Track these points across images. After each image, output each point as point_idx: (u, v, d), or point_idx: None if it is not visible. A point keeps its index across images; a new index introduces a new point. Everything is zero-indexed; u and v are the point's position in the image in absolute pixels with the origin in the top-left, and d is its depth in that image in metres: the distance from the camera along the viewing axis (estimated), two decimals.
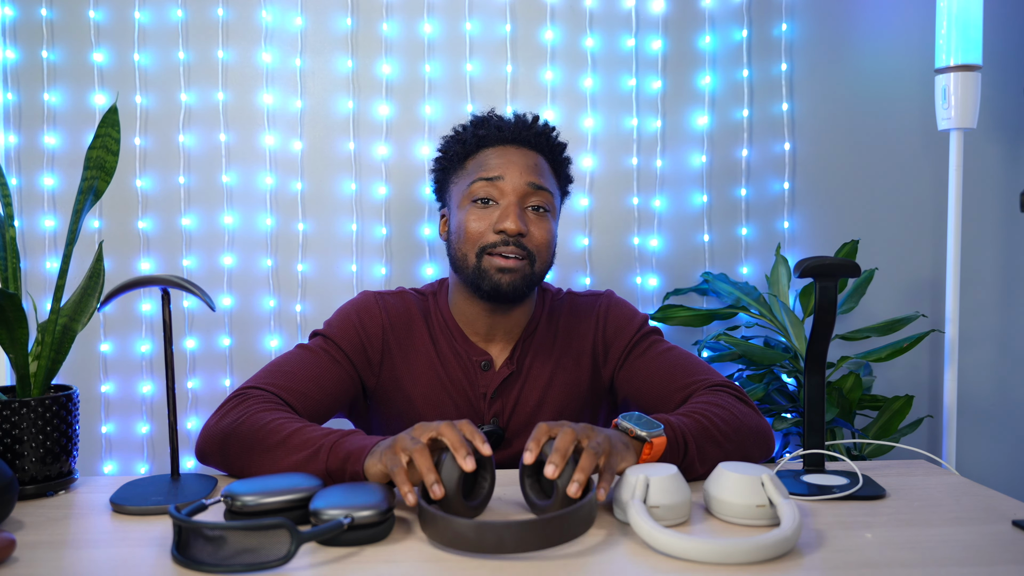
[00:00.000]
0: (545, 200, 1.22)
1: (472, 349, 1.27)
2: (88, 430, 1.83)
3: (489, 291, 1.20)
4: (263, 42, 1.82)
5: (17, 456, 1.00)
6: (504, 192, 1.20)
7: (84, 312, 1.07)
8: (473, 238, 1.20)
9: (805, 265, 1.02)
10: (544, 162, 1.25)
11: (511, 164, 1.21)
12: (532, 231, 1.20)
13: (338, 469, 0.96)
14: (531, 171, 1.21)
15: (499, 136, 1.24)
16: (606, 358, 1.30)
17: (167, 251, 1.83)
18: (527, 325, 1.29)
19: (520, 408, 1.27)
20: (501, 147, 1.23)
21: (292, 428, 1.02)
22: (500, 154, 1.23)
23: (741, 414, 1.11)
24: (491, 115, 1.28)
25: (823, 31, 1.90)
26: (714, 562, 0.77)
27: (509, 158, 1.22)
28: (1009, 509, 0.93)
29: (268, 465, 1.01)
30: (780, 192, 1.91)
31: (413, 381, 1.26)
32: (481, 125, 1.26)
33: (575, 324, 1.31)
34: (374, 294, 1.31)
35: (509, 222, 1.17)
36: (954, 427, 1.80)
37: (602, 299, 1.34)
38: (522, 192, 1.20)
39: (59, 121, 1.81)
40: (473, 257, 1.20)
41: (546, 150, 1.26)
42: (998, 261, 1.96)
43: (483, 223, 1.20)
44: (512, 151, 1.23)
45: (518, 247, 1.19)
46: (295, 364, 1.19)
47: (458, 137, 1.28)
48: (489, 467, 0.91)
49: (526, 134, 1.24)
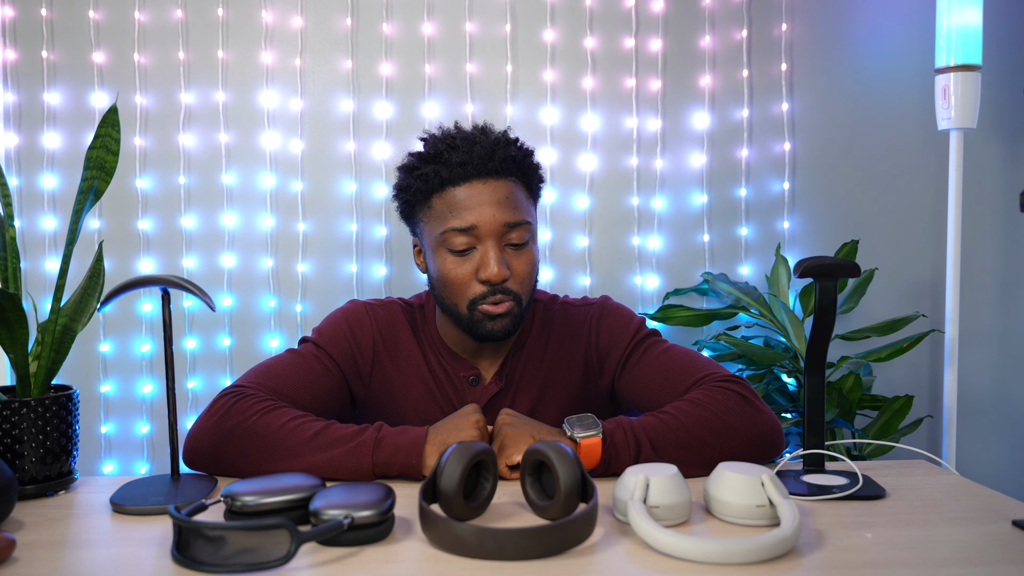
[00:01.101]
0: (523, 234, 1.16)
1: (460, 365, 1.25)
2: (88, 430, 1.83)
3: (483, 337, 1.17)
4: (263, 42, 1.82)
5: (17, 456, 1.00)
6: (480, 237, 1.14)
7: (84, 312, 1.07)
8: (459, 289, 1.16)
9: (805, 265, 1.02)
10: (515, 185, 1.17)
11: (482, 206, 1.13)
12: (514, 268, 1.16)
13: (385, 462, 1.00)
14: (504, 207, 1.14)
15: (464, 173, 1.14)
16: (601, 369, 1.27)
17: (167, 251, 1.83)
18: (516, 339, 1.27)
19: None
20: (468, 184, 1.15)
21: (318, 426, 1.03)
22: (468, 194, 1.14)
23: (728, 413, 1.08)
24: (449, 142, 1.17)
25: (823, 31, 1.90)
26: (714, 562, 0.77)
27: (479, 198, 1.14)
28: (1009, 509, 0.93)
29: (291, 463, 1.01)
30: (780, 192, 1.91)
31: (405, 393, 1.25)
32: (441, 160, 1.16)
33: (567, 335, 1.28)
34: (364, 304, 1.28)
35: (493, 270, 1.13)
36: (954, 427, 1.80)
37: (594, 308, 1.29)
38: (497, 234, 1.14)
39: (59, 121, 1.81)
40: (464, 309, 1.16)
41: (515, 172, 1.18)
42: (998, 261, 1.96)
43: (464, 272, 1.15)
44: (480, 187, 1.14)
45: (504, 293, 1.15)
46: (286, 368, 1.17)
47: (420, 172, 1.18)
48: (491, 468, 0.91)
49: (491, 164, 1.15)
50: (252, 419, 1.05)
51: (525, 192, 1.20)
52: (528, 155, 1.21)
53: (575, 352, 1.28)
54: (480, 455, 0.88)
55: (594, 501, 0.85)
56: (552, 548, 0.80)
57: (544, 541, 0.79)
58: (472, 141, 1.17)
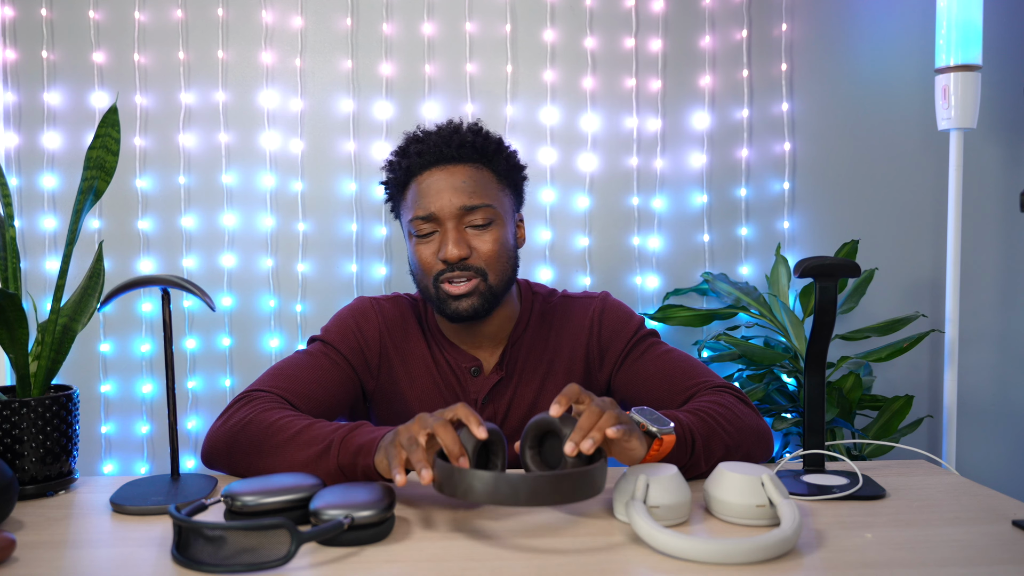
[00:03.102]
0: (484, 216, 1.20)
1: (461, 356, 1.28)
2: (88, 430, 1.83)
3: (452, 316, 1.21)
4: (263, 42, 1.82)
5: (17, 456, 1.00)
6: (441, 221, 1.19)
7: (84, 312, 1.07)
8: (426, 269, 1.21)
9: (805, 265, 1.02)
10: (476, 171, 1.22)
11: (439, 193, 1.19)
12: (476, 247, 1.20)
13: (349, 464, 0.97)
14: (460, 192, 1.19)
15: (422, 162, 1.21)
16: (602, 362, 1.29)
17: (167, 251, 1.83)
18: (514, 329, 1.29)
19: (513, 413, 1.28)
20: (427, 172, 1.21)
21: (301, 424, 1.03)
22: (428, 182, 1.20)
23: (743, 414, 1.12)
24: (415, 136, 1.25)
25: (823, 31, 1.90)
26: (714, 562, 0.77)
27: (437, 185, 1.19)
28: (1009, 509, 0.93)
29: (278, 462, 1.02)
30: (780, 192, 1.91)
31: (410, 384, 1.28)
32: (405, 153, 1.24)
33: (568, 326, 1.30)
34: (370, 299, 1.32)
35: (448, 249, 1.17)
36: (954, 427, 1.80)
37: (596, 301, 1.32)
38: (455, 217, 1.19)
39: (59, 121, 1.81)
40: (431, 287, 1.21)
41: (475, 157, 1.22)
42: (998, 261, 1.96)
43: (429, 253, 1.21)
44: (438, 175, 1.20)
45: (464, 270, 1.19)
46: (297, 367, 1.20)
47: (392, 167, 1.26)
48: (500, 449, 0.91)
49: (448, 151, 1.20)
50: (250, 419, 1.07)
51: (492, 176, 1.24)
52: (491, 141, 1.24)
53: (577, 343, 1.30)
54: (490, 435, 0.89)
55: (604, 457, 0.86)
56: (566, 495, 0.80)
57: (558, 487, 0.79)
58: (432, 133, 1.24)
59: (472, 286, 1.19)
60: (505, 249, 1.22)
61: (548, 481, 0.79)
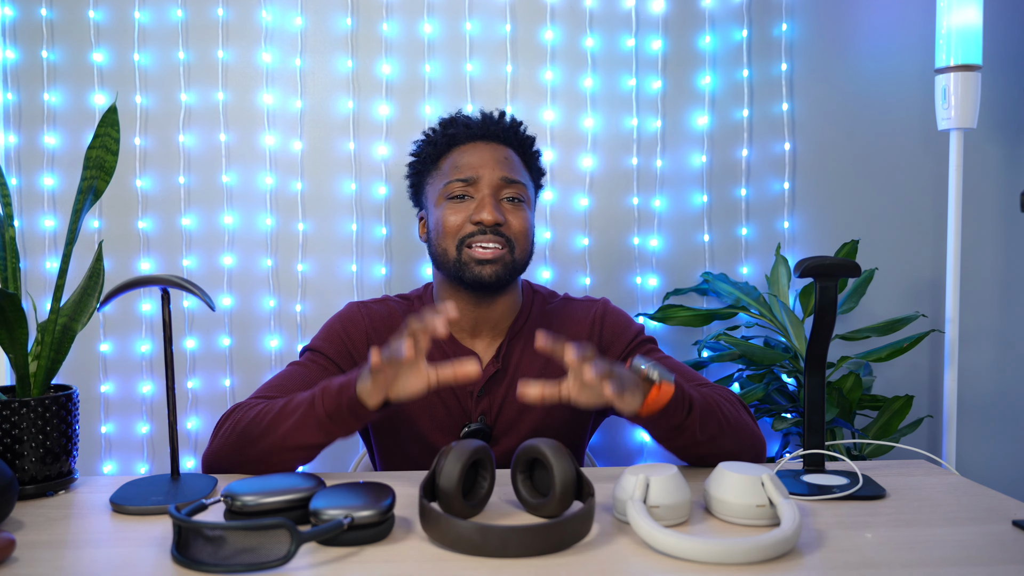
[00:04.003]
0: (519, 191, 1.26)
1: (458, 348, 1.29)
2: (88, 430, 1.83)
3: (471, 282, 1.23)
4: (263, 42, 1.82)
5: (17, 456, 1.00)
6: (479, 188, 1.24)
7: (84, 312, 1.07)
8: (452, 231, 1.24)
9: (805, 265, 1.02)
10: (515, 156, 1.29)
11: (483, 160, 1.24)
12: (510, 220, 1.24)
13: (334, 405, 1.02)
14: (503, 165, 1.25)
15: (468, 134, 1.28)
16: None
17: (167, 251, 1.83)
18: (513, 323, 1.31)
19: (508, 407, 1.28)
20: (472, 144, 1.27)
21: (282, 402, 1.09)
22: (472, 151, 1.26)
23: (740, 412, 1.15)
24: (458, 115, 1.33)
25: (823, 31, 1.90)
26: (714, 562, 0.77)
27: (481, 155, 1.25)
28: (1009, 509, 0.93)
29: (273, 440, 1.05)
30: (780, 192, 1.91)
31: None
32: (450, 125, 1.30)
33: (569, 326, 1.32)
34: (357, 304, 1.35)
35: (486, 213, 1.21)
36: (954, 427, 1.80)
37: (597, 305, 1.36)
38: (496, 186, 1.24)
39: (59, 121, 1.81)
40: (453, 250, 1.24)
41: (516, 144, 1.30)
42: (998, 261, 1.96)
43: (460, 216, 1.24)
44: (483, 147, 1.27)
45: (496, 235, 1.22)
46: (286, 378, 1.23)
47: (429, 139, 1.32)
48: (489, 467, 0.91)
49: (495, 129, 1.28)
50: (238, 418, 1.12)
51: (524, 167, 1.30)
52: (529, 138, 1.32)
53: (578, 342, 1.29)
54: (477, 454, 0.88)
55: (592, 497, 0.85)
56: (555, 545, 0.80)
57: (547, 538, 0.79)
58: (481, 113, 1.32)
59: (500, 254, 1.22)
60: (531, 230, 1.28)
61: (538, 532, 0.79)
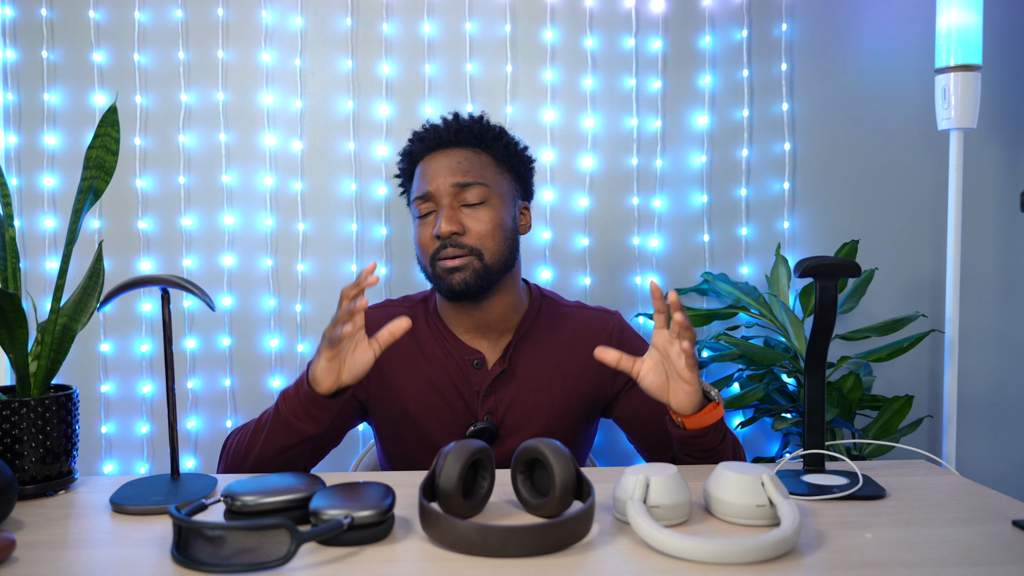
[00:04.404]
0: (478, 194, 1.25)
1: (463, 349, 1.29)
2: (88, 430, 1.83)
3: (447, 292, 1.25)
4: (263, 42, 1.82)
5: (17, 456, 1.00)
6: (438, 200, 1.25)
7: (84, 312, 1.07)
8: (424, 250, 1.27)
9: (805, 265, 1.02)
10: (473, 154, 1.28)
11: (435, 173, 1.26)
12: (469, 226, 1.24)
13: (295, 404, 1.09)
14: (453, 172, 1.25)
15: (424, 147, 1.30)
16: (615, 378, 1.33)
17: (167, 251, 1.83)
18: (519, 324, 1.30)
19: (515, 407, 1.28)
20: (428, 158, 1.29)
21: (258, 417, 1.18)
22: (427, 166, 1.28)
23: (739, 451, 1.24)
24: (424, 126, 1.34)
25: (823, 31, 1.90)
26: (714, 562, 0.77)
27: (434, 168, 1.27)
28: (1009, 509, 0.93)
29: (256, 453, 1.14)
30: (780, 192, 1.91)
31: (402, 387, 1.30)
32: (413, 140, 1.33)
33: (585, 333, 1.33)
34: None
35: (440, 225, 1.23)
36: (954, 427, 1.80)
37: (615, 319, 1.37)
38: (451, 194, 1.25)
39: (59, 121, 1.81)
40: (429, 267, 1.27)
41: (473, 142, 1.29)
42: (998, 261, 1.96)
43: (426, 233, 1.26)
44: (437, 158, 1.28)
45: (456, 247, 1.23)
46: None
47: (403, 156, 1.35)
48: (488, 467, 0.91)
49: (447, 137, 1.28)
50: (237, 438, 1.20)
51: (491, 160, 1.29)
52: (490, 128, 1.31)
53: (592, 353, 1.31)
54: (477, 454, 0.88)
55: (591, 497, 0.85)
56: (555, 545, 0.80)
57: (547, 538, 0.79)
58: (439, 122, 1.33)
59: (463, 262, 1.23)
60: (501, 230, 1.26)
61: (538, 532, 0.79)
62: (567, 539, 0.81)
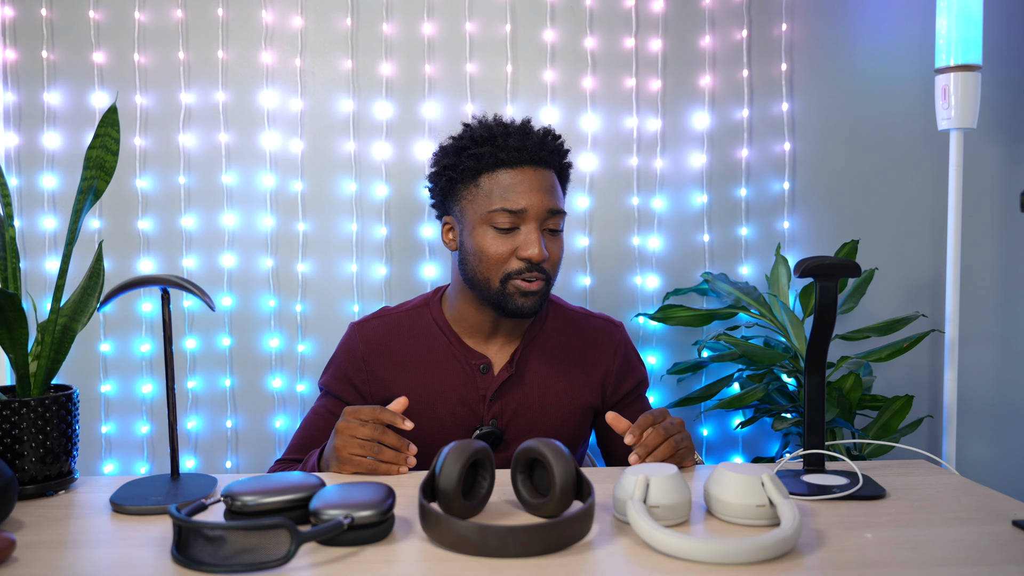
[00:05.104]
0: (560, 221, 1.24)
1: (470, 353, 1.29)
2: (88, 430, 1.83)
3: (511, 312, 1.23)
4: (263, 42, 1.82)
5: (17, 456, 1.00)
6: (526, 219, 1.21)
7: (84, 312, 1.07)
8: (496, 263, 1.21)
9: (805, 265, 1.02)
10: (555, 178, 1.26)
11: (532, 191, 1.20)
12: (551, 251, 1.23)
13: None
14: (549, 195, 1.22)
15: (518, 158, 1.21)
16: (616, 389, 1.36)
17: (167, 251, 1.83)
18: (528, 330, 1.31)
19: (522, 412, 1.28)
20: (520, 169, 1.21)
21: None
22: (519, 178, 1.21)
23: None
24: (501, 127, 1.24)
25: (823, 31, 1.90)
26: (714, 562, 0.77)
27: (529, 184, 1.21)
28: (1009, 509, 0.93)
29: None
30: (780, 192, 1.91)
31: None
32: (495, 144, 1.22)
33: (592, 343, 1.35)
34: (356, 325, 1.36)
35: (535, 251, 1.19)
36: (954, 427, 1.80)
37: (619, 332, 1.38)
38: (542, 218, 1.22)
39: (59, 121, 1.81)
40: (496, 282, 1.22)
41: (557, 165, 1.27)
42: (998, 261, 1.96)
43: (505, 248, 1.21)
44: (530, 173, 1.22)
45: (540, 271, 1.21)
46: (309, 428, 1.32)
47: (471, 152, 1.23)
48: (488, 467, 0.91)
49: (542, 154, 1.23)
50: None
51: (560, 186, 1.29)
52: (567, 153, 1.30)
53: (600, 362, 1.35)
54: (477, 454, 0.88)
55: (591, 497, 0.85)
56: (554, 545, 0.80)
57: (546, 538, 0.79)
58: (525, 130, 1.25)
59: (539, 287, 1.22)
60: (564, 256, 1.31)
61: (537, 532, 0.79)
62: (566, 539, 0.81)
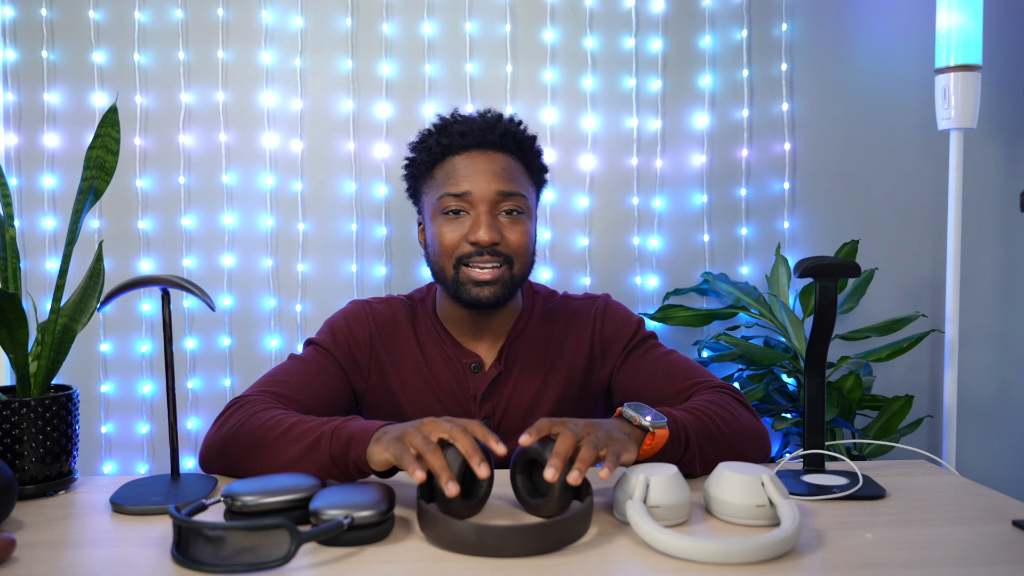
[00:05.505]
0: (517, 204, 1.20)
1: (461, 352, 1.28)
2: (88, 430, 1.83)
3: (469, 302, 1.20)
4: (263, 42, 1.82)
5: (17, 456, 1.00)
6: (474, 203, 1.18)
7: (84, 312, 1.07)
8: (448, 250, 1.20)
9: (805, 265, 1.02)
10: (514, 162, 1.23)
11: (478, 174, 1.19)
12: (507, 236, 1.19)
13: (341, 455, 0.96)
14: (498, 177, 1.19)
15: (463, 143, 1.21)
16: (604, 358, 1.30)
17: (167, 251, 1.83)
18: (514, 325, 1.30)
19: (512, 409, 1.27)
20: (466, 154, 1.21)
21: (292, 420, 1.03)
22: (466, 163, 1.20)
23: (740, 415, 1.12)
24: (455, 118, 1.25)
25: (823, 31, 1.90)
26: (714, 562, 0.77)
27: (476, 167, 1.19)
28: (1009, 509, 0.93)
29: (271, 459, 1.01)
30: (780, 192, 1.91)
31: (401, 385, 1.28)
32: (444, 132, 1.23)
33: (571, 326, 1.31)
34: (363, 302, 1.33)
35: (481, 232, 1.16)
36: (954, 427, 1.80)
37: (599, 301, 1.34)
38: (492, 201, 1.18)
39: (59, 121, 1.81)
40: (451, 269, 1.20)
41: (514, 149, 1.23)
42: (998, 261, 1.96)
43: (455, 233, 1.19)
44: (478, 157, 1.20)
45: (493, 255, 1.18)
46: (288, 373, 1.21)
47: (423, 145, 1.25)
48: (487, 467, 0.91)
49: (491, 137, 1.21)
50: (243, 421, 1.07)
51: (524, 171, 1.25)
52: (529, 138, 1.26)
53: (580, 340, 1.31)
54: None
55: (590, 497, 0.85)
56: (552, 544, 0.80)
57: (544, 538, 0.79)
58: (476, 117, 1.24)
59: (498, 274, 1.19)
60: (530, 242, 1.24)
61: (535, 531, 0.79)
62: (564, 539, 0.81)
